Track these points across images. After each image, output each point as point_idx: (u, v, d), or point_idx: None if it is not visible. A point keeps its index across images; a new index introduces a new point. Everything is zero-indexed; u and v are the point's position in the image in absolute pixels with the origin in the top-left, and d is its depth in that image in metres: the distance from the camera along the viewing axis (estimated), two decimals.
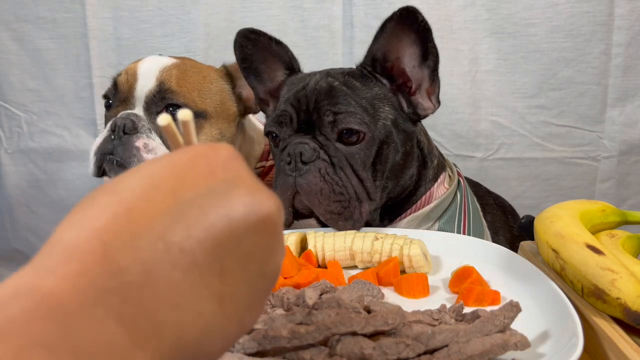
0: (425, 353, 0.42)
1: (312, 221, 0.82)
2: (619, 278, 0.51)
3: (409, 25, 0.71)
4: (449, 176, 0.86)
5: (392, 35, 0.73)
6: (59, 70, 1.53)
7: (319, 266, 0.67)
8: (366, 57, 0.77)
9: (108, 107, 0.90)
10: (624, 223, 0.70)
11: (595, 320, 0.51)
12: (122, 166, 0.82)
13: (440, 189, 0.82)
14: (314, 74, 0.79)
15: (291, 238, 0.68)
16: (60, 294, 0.22)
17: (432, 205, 0.80)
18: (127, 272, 0.24)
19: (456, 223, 0.81)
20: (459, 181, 0.85)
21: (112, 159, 0.82)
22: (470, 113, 1.42)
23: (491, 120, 1.43)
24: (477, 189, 1.03)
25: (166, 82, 0.85)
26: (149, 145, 0.82)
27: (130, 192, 0.27)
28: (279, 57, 0.84)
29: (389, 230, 0.74)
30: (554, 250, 0.59)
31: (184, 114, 0.33)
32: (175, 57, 0.92)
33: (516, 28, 1.36)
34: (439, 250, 0.68)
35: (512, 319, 0.46)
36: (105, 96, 0.91)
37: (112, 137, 0.83)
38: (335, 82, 0.74)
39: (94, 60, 1.50)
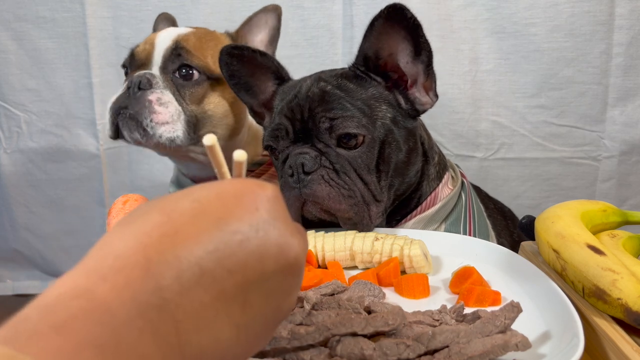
0: (425, 354, 0.42)
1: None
2: (619, 278, 0.51)
3: (398, 22, 0.69)
4: (452, 177, 0.85)
5: (382, 32, 0.71)
6: (59, 70, 1.53)
7: (319, 266, 0.67)
8: (358, 56, 0.75)
9: (125, 75, 0.92)
10: (624, 223, 0.70)
11: (596, 321, 0.51)
12: (134, 119, 0.84)
13: (445, 190, 0.81)
14: (304, 79, 0.77)
15: None
16: (110, 303, 0.24)
17: (437, 206, 0.78)
18: (166, 290, 0.26)
19: (462, 224, 0.80)
20: (462, 182, 0.85)
21: (126, 113, 0.84)
22: (471, 113, 1.42)
23: (492, 120, 1.43)
24: (477, 192, 1.02)
25: (181, 43, 0.87)
26: (162, 99, 0.84)
27: (180, 215, 0.28)
28: (266, 68, 0.83)
29: (389, 231, 0.73)
30: (554, 250, 0.59)
31: (239, 155, 0.34)
32: (191, 27, 0.94)
33: (517, 28, 1.36)
34: (439, 251, 0.68)
35: (513, 319, 0.46)
36: (123, 65, 0.93)
37: (127, 94, 0.85)
38: (328, 87, 0.73)
39: (94, 60, 1.50)
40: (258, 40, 0.96)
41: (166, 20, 1.05)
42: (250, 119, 0.97)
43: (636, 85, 1.38)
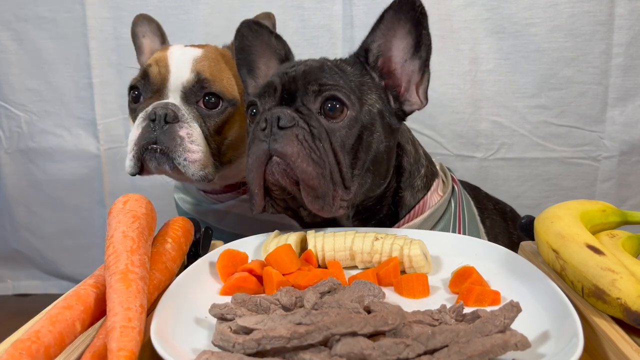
0: (425, 353, 0.42)
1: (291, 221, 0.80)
2: (619, 278, 0.51)
3: (406, 13, 0.71)
4: (443, 182, 0.85)
5: (389, 27, 0.72)
6: (59, 70, 1.53)
7: (319, 266, 0.67)
8: (360, 48, 0.76)
9: (136, 98, 0.88)
10: (624, 223, 0.70)
11: (596, 321, 0.51)
12: (165, 154, 0.80)
13: (434, 197, 0.81)
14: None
15: (291, 238, 0.68)
16: None
17: (426, 214, 0.78)
18: None
19: (451, 231, 0.80)
20: (452, 188, 0.84)
21: (155, 148, 0.80)
22: (471, 113, 1.42)
23: (491, 120, 1.43)
24: (476, 192, 1.02)
25: (202, 72, 0.85)
26: (192, 134, 0.81)
27: None
28: (276, 52, 0.82)
29: (389, 230, 0.73)
30: (554, 250, 0.59)
31: None
32: (196, 46, 0.92)
33: (517, 28, 1.36)
34: (439, 251, 0.68)
35: (513, 319, 0.46)
36: (134, 87, 0.89)
37: (152, 126, 0.80)
38: (328, 62, 0.74)
39: (94, 60, 1.51)
40: None
41: (146, 21, 1.00)
42: None
43: (636, 86, 1.38)
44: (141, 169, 0.83)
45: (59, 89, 1.54)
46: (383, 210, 0.78)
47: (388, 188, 0.77)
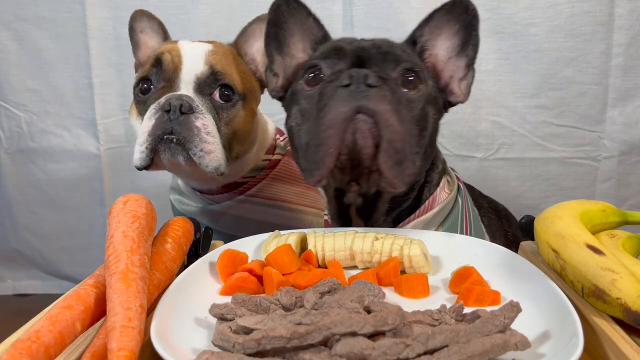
0: (425, 353, 0.42)
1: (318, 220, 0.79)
2: (619, 278, 0.51)
3: (457, 15, 0.72)
4: (448, 181, 0.85)
5: (437, 25, 0.73)
6: (59, 70, 1.53)
7: (319, 266, 0.67)
8: (410, 37, 0.76)
9: (145, 90, 0.87)
10: (624, 223, 0.70)
11: (596, 321, 0.51)
12: (181, 145, 0.79)
13: (442, 194, 0.81)
14: None
15: (291, 238, 0.68)
16: None
17: (435, 210, 0.78)
18: None
19: (459, 228, 0.79)
20: (458, 186, 0.85)
21: (171, 139, 0.79)
22: (471, 113, 1.42)
23: (491, 120, 1.43)
24: (471, 191, 1.01)
25: (215, 65, 0.86)
26: (208, 125, 0.81)
27: None
28: (311, 33, 0.80)
29: (389, 230, 0.73)
30: (554, 250, 0.59)
31: None
32: (204, 42, 0.92)
33: (516, 28, 1.36)
34: (439, 251, 0.68)
35: (513, 319, 0.46)
36: (145, 78, 0.87)
37: (166, 117, 0.79)
38: (392, 41, 0.74)
39: (94, 60, 1.51)
40: (255, 49, 0.95)
41: (146, 17, 0.98)
42: (256, 127, 0.97)
43: (636, 86, 1.38)
44: (150, 162, 0.81)
45: (59, 89, 1.55)
46: (407, 202, 0.78)
47: (422, 177, 0.78)
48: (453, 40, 0.74)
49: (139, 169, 0.82)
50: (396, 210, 0.78)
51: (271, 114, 1.05)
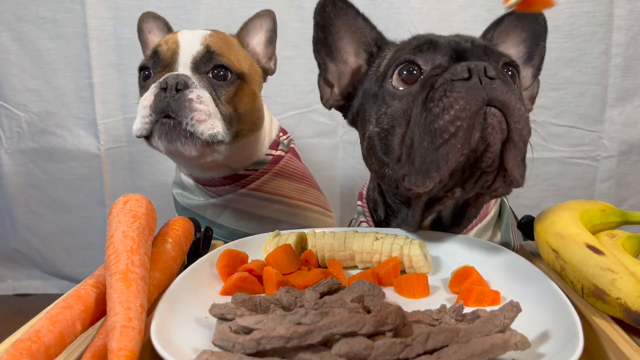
0: (425, 353, 0.42)
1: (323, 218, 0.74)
2: (619, 278, 0.51)
3: (526, 24, 0.70)
4: None
5: (504, 30, 0.72)
6: (59, 70, 1.53)
7: (319, 266, 0.67)
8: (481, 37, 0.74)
9: (146, 77, 0.90)
10: (624, 223, 0.70)
11: (596, 321, 0.51)
12: (176, 127, 0.81)
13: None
14: None
15: (291, 238, 0.68)
16: None
17: (492, 213, 0.74)
18: None
19: (511, 229, 0.76)
20: None
21: (168, 122, 0.81)
22: None
23: None
24: None
25: (211, 45, 0.88)
26: (202, 96, 0.83)
27: None
28: (362, 35, 0.75)
29: (389, 231, 0.73)
30: (554, 250, 0.59)
31: None
32: (205, 30, 0.94)
33: None
34: (439, 251, 0.68)
35: (512, 319, 0.46)
36: (143, 67, 0.91)
37: (163, 95, 0.81)
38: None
39: (94, 60, 1.51)
40: (256, 42, 0.97)
41: (152, 18, 1.03)
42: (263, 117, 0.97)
43: (635, 86, 1.38)
44: (149, 134, 0.83)
45: (59, 89, 1.55)
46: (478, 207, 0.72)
47: None
48: (519, 48, 0.73)
49: (138, 137, 0.85)
50: (464, 218, 0.72)
51: (272, 114, 1.05)
